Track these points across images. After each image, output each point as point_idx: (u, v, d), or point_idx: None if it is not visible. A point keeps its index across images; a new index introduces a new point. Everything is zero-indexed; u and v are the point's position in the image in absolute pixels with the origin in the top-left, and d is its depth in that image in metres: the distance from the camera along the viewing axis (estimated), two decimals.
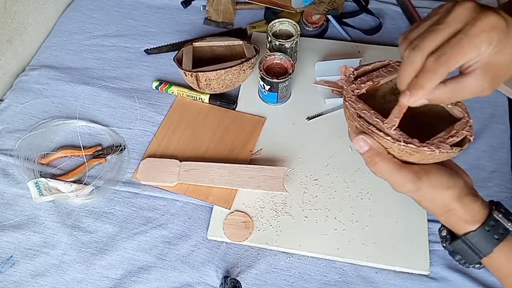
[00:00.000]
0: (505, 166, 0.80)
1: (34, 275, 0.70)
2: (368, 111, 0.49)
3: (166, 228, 0.74)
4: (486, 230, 0.47)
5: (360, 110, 0.50)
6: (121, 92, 0.90)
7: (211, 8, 1.04)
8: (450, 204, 0.48)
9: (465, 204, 0.48)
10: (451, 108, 0.51)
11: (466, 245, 0.49)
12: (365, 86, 0.52)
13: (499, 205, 0.50)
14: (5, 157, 0.81)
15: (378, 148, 0.47)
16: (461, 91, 0.44)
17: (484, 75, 0.42)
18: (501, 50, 0.41)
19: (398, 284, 0.69)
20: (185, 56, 0.88)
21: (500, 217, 0.48)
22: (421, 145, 0.46)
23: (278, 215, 0.74)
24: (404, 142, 0.46)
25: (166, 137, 0.84)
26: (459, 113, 0.51)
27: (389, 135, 0.46)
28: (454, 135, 0.48)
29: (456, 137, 0.48)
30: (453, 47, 0.41)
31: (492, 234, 0.47)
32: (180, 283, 0.69)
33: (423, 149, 0.45)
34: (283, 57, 0.84)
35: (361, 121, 0.48)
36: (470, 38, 0.40)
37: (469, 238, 0.48)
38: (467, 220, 0.48)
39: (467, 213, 0.48)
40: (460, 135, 0.48)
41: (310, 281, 0.69)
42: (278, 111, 0.87)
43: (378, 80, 0.53)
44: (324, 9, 0.96)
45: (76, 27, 1.02)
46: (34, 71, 0.94)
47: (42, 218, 0.75)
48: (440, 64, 0.41)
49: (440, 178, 0.48)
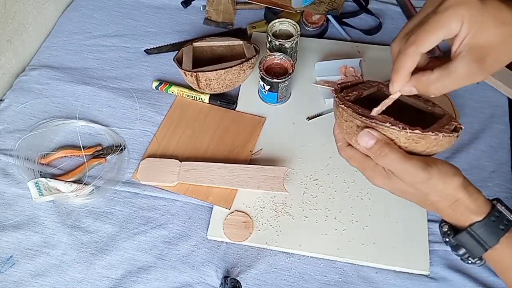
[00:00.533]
0: (505, 166, 0.80)
1: (34, 275, 0.70)
2: (364, 110, 0.51)
3: (166, 228, 0.74)
4: (492, 221, 0.48)
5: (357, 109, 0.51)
6: (121, 92, 0.90)
7: (211, 8, 1.04)
8: (458, 193, 0.48)
9: (471, 193, 0.49)
10: (431, 109, 0.54)
11: (471, 237, 0.49)
12: (352, 95, 0.55)
13: (499, 200, 0.51)
14: (5, 157, 0.81)
15: (385, 140, 0.47)
16: (449, 77, 0.43)
17: (470, 58, 0.42)
18: (480, 29, 0.40)
19: (398, 284, 0.69)
20: (185, 56, 0.88)
21: (503, 209, 0.49)
22: (425, 130, 0.47)
23: (278, 215, 0.74)
24: (409, 129, 0.47)
25: (166, 137, 0.84)
26: (441, 111, 0.54)
27: (395, 124, 0.47)
28: (446, 124, 0.50)
29: (449, 127, 0.50)
30: (421, 26, 0.42)
31: (498, 224, 0.48)
32: (180, 283, 0.69)
33: (429, 134, 0.46)
34: (283, 57, 0.84)
35: (363, 117, 0.49)
36: (437, 15, 0.41)
37: (474, 229, 0.48)
38: (473, 210, 0.48)
39: (474, 203, 0.48)
40: (451, 125, 0.50)
41: (310, 281, 0.69)
42: (278, 111, 0.87)
43: (361, 92, 0.56)
44: (324, 9, 0.96)
45: (76, 27, 1.02)
46: (34, 71, 0.94)
47: (42, 218, 0.75)
48: (409, 44, 0.42)
49: (446, 166, 0.48)
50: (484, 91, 0.89)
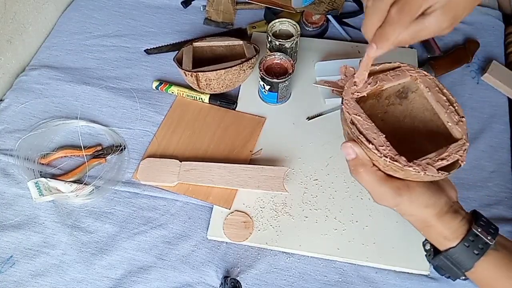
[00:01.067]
0: (505, 166, 0.80)
1: (34, 275, 0.70)
2: (361, 117, 0.49)
3: (166, 228, 0.74)
4: (466, 246, 0.47)
5: (354, 115, 0.49)
6: (121, 92, 0.90)
7: (211, 8, 1.04)
8: (429, 221, 0.48)
9: (444, 222, 0.48)
10: (451, 126, 0.50)
11: (448, 260, 0.49)
12: (366, 90, 0.51)
13: (480, 217, 0.49)
14: (5, 157, 0.81)
15: (364, 159, 0.48)
16: (422, 31, 0.44)
17: (444, 15, 0.43)
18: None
19: (398, 284, 0.69)
20: (185, 56, 0.88)
21: (480, 231, 0.47)
22: (407, 164, 0.45)
23: (278, 215, 0.74)
24: (390, 159, 0.46)
25: (166, 137, 0.84)
26: (458, 133, 0.50)
27: (378, 149, 0.46)
28: (445, 158, 0.47)
29: (447, 161, 0.47)
30: None
31: (472, 249, 0.47)
32: (180, 283, 0.69)
33: (409, 169, 0.45)
34: (283, 57, 0.84)
35: (353, 128, 0.48)
36: None
37: (449, 254, 0.48)
38: (447, 236, 0.48)
39: (447, 230, 0.48)
40: (451, 158, 0.47)
41: (310, 281, 0.69)
42: (278, 111, 0.87)
43: (382, 84, 0.52)
44: (324, 9, 0.96)
45: (76, 27, 1.02)
46: (34, 71, 0.94)
47: (42, 218, 0.75)
48: (405, 14, 0.42)
49: (421, 197, 0.47)
50: (484, 91, 0.89)
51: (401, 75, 0.53)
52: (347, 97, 0.50)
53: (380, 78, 0.52)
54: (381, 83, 0.52)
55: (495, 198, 0.76)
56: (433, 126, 0.52)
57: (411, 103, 0.55)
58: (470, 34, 0.97)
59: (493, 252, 0.47)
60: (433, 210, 0.48)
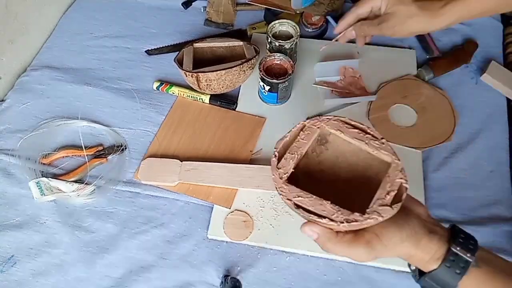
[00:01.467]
0: (504, 166, 0.80)
1: (35, 275, 0.70)
2: (301, 196, 0.49)
3: (167, 227, 0.75)
4: (447, 267, 0.47)
5: (295, 199, 0.49)
6: (122, 93, 0.91)
7: (211, 9, 1.04)
8: (409, 252, 0.48)
9: (422, 248, 0.48)
10: (377, 153, 0.52)
11: (432, 282, 0.49)
12: (291, 165, 0.51)
13: (458, 233, 0.49)
14: (7, 157, 0.81)
15: (326, 234, 0.48)
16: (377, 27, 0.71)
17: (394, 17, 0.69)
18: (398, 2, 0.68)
19: (397, 283, 0.69)
20: (185, 56, 0.88)
21: (459, 249, 0.47)
22: (364, 219, 0.46)
23: (278, 214, 0.75)
24: (347, 222, 0.46)
25: (167, 137, 0.84)
26: (387, 157, 0.51)
27: (332, 219, 0.46)
28: (391, 189, 0.48)
29: (393, 191, 0.48)
30: None
31: (454, 269, 0.47)
32: (180, 282, 0.70)
33: (368, 221, 0.46)
34: (283, 57, 0.85)
35: (301, 212, 0.48)
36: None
37: (433, 276, 0.48)
38: (428, 260, 0.48)
39: (427, 255, 0.48)
40: (395, 185, 0.48)
41: (310, 280, 0.70)
42: (278, 111, 0.88)
43: (300, 151, 0.53)
44: (324, 11, 0.97)
45: (78, 28, 1.03)
46: (35, 71, 0.94)
47: (43, 218, 0.75)
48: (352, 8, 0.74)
49: (393, 237, 0.48)
50: (484, 91, 0.89)
51: (310, 133, 0.54)
52: (279, 185, 0.50)
53: (295, 148, 0.53)
54: (299, 151, 0.53)
55: (494, 198, 0.76)
56: (365, 153, 0.53)
57: (335, 143, 0.56)
58: (469, 34, 0.98)
59: (475, 270, 0.47)
60: (409, 242, 0.48)
